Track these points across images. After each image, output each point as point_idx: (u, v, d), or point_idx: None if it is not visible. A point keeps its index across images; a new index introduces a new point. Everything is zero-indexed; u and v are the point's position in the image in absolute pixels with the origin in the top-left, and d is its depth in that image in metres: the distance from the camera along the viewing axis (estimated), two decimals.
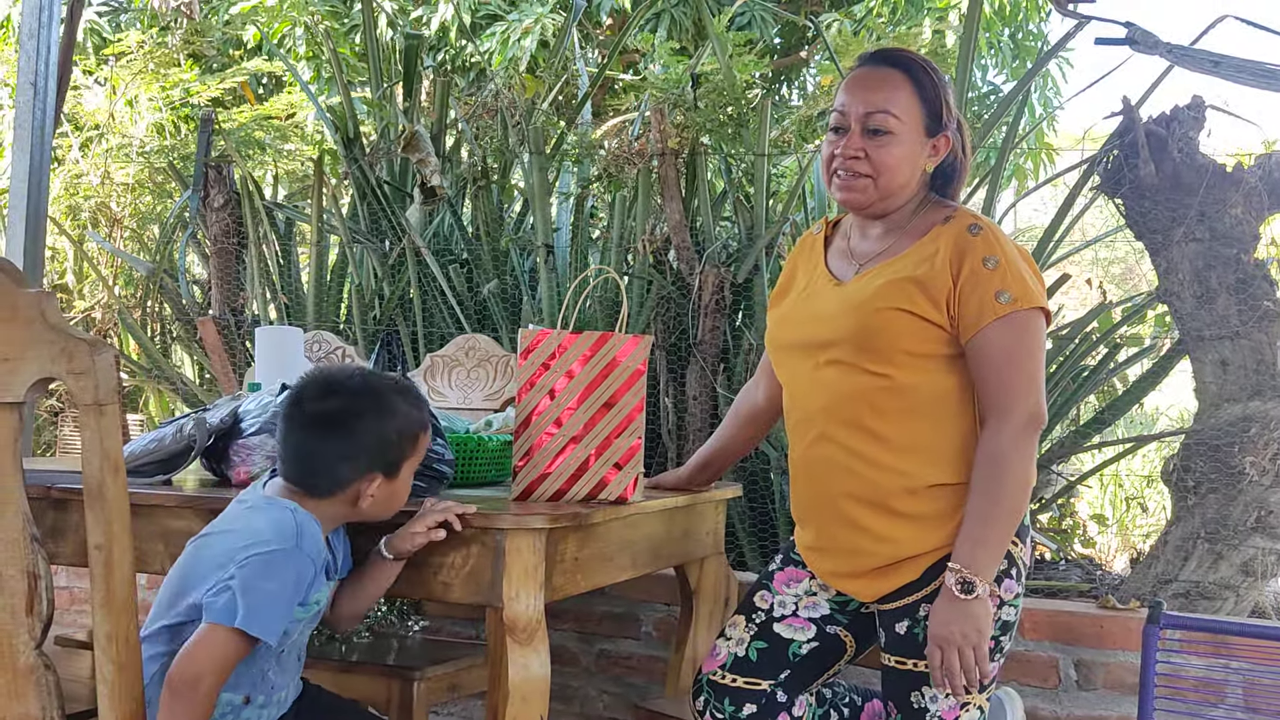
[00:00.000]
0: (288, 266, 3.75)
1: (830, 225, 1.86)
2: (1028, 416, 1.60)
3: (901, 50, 1.77)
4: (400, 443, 1.55)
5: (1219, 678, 2.09)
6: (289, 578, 1.44)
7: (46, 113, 3.24)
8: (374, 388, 1.55)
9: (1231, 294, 2.63)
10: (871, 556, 1.67)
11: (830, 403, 1.69)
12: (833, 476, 1.69)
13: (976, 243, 1.63)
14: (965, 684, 1.58)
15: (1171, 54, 2.73)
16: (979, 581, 1.56)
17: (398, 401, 1.55)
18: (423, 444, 1.60)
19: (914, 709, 1.66)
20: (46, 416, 4.70)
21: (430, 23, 6.34)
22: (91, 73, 5.60)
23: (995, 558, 1.59)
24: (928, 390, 1.65)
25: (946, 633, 1.57)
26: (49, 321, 1.38)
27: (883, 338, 1.64)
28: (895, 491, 1.65)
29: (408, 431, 1.56)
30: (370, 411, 1.52)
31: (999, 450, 1.59)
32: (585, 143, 3.76)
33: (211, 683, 1.40)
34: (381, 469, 1.53)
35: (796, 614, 1.79)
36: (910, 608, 1.66)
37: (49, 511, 1.76)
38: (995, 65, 7.02)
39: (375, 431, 1.52)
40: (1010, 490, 1.58)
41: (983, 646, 1.57)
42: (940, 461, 1.65)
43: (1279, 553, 2.58)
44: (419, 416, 1.58)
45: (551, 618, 1.85)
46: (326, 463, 1.51)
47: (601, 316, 3.29)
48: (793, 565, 1.82)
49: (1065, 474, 3.31)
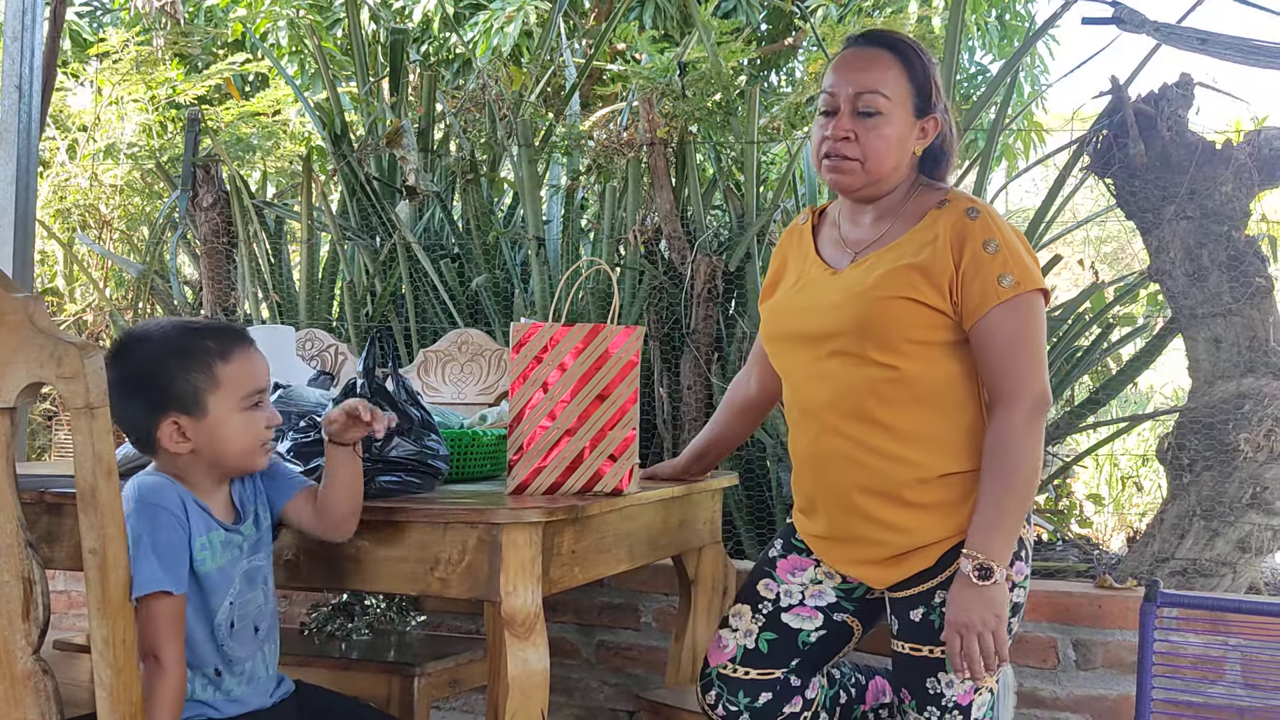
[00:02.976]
0: (279, 265, 3.73)
1: (817, 214, 1.85)
2: (1035, 400, 1.60)
3: (889, 31, 1.76)
4: (187, 375, 1.47)
5: (1217, 655, 2.10)
6: (141, 530, 1.45)
7: (32, 115, 3.22)
8: (146, 334, 1.51)
9: (1223, 271, 2.63)
10: (885, 546, 1.67)
11: (835, 395, 1.68)
12: (842, 469, 1.69)
13: (975, 227, 1.62)
14: (985, 668, 1.59)
15: (1159, 32, 2.73)
16: (996, 567, 1.57)
17: (177, 337, 1.49)
18: (234, 372, 1.50)
19: (930, 694, 1.66)
20: (41, 420, 4.69)
21: (413, 14, 6.32)
22: (76, 76, 5.57)
23: (1010, 543, 1.59)
24: (933, 378, 1.65)
25: (966, 619, 1.58)
26: (37, 325, 1.38)
27: (887, 326, 1.63)
28: (907, 482, 1.64)
29: (193, 363, 1.48)
30: (143, 357, 1.49)
31: (1010, 436, 1.59)
32: (574, 134, 3.75)
33: (169, 653, 1.44)
34: (177, 408, 1.48)
35: (804, 603, 1.78)
36: (925, 595, 1.66)
37: (44, 516, 1.75)
38: (983, 47, 7.01)
39: (149, 373, 1.48)
40: (1023, 475, 1.59)
41: (1001, 631, 1.58)
42: (950, 450, 1.65)
43: (1275, 528, 2.59)
44: (210, 345, 1.49)
45: (550, 610, 1.85)
46: (129, 423, 1.50)
47: (594, 308, 3.28)
48: (796, 552, 1.81)
49: (1061, 454, 3.32)
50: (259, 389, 1.53)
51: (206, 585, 1.51)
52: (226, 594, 1.53)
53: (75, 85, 5.44)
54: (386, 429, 1.59)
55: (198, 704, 1.52)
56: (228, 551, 1.54)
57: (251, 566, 1.57)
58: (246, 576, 1.56)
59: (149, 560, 1.44)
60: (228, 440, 1.51)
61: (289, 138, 5.59)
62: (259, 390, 1.53)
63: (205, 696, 1.53)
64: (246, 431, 1.52)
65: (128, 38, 5.48)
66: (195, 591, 1.50)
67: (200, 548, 1.50)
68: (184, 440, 1.50)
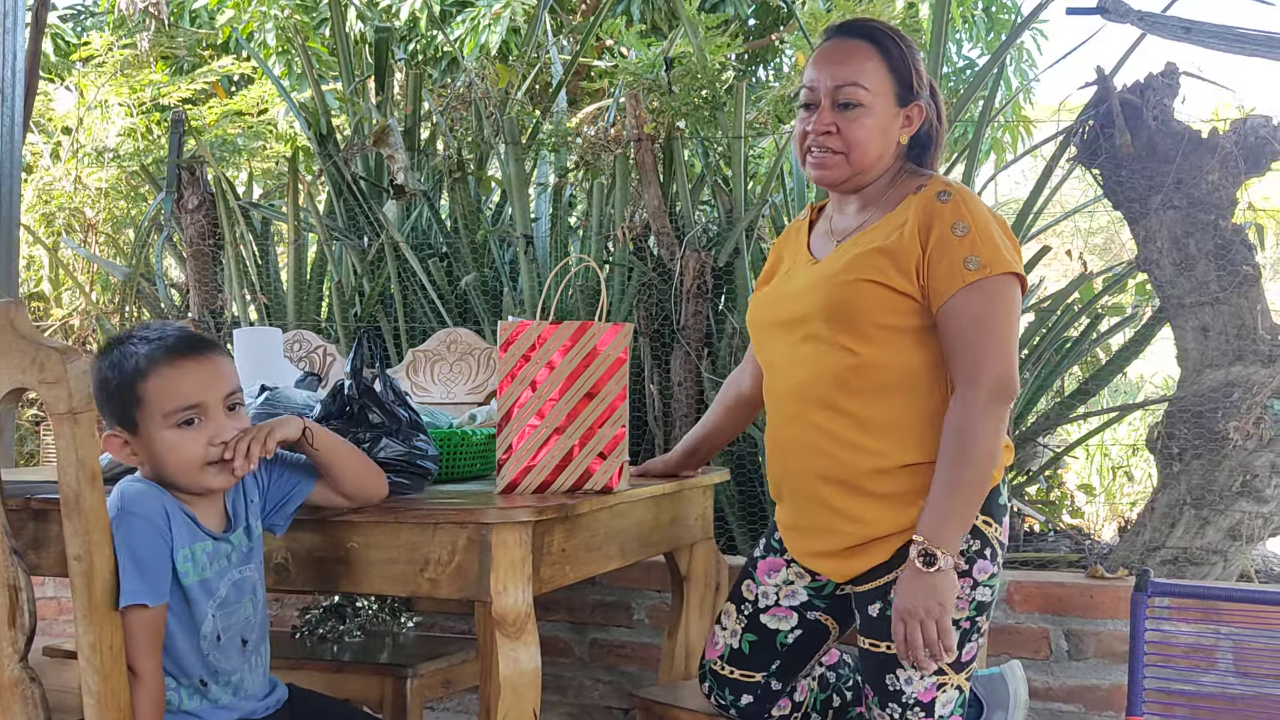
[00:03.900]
0: (266, 266, 3.72)
1: (816, 210, 1.85)
2: (996, 384, 1.57)
3: (867, 20, 1.74)
4: (119, 391, 1.44)
5: (1209, 643, 2.10)
6: (121, 540, 1.42)
7: (15, 119, 3.20)
8: (107, 345, 1.49)
9: (1210, 260, 2.64)
10: (842, 536, 1.66)
11: (803, 381, 1.68)
12: (804, 456, 1.69)
13: (945, 209, 1.60)
14: (931, 657, 1.57)
15: (1143, 22, 2.73)
16: (940, 554, 1.54)
17: (120, 350, 1.46)
18: (155, 390, 1.43)
19: (889, 691, 1.64)
20: (29, 425, 4.66)
21: (399, 12, 6.30)
22: (56, 79, 5.54)
23: (959, 529, 1.57)
24: (899, 367, 1.63)
25: (909, 605, 1.56)
26: (19, 331, 1.37)
27: (852, 309, 1.62)
28: (866, 471, 1.63)
29: (123, 378, 1.43)
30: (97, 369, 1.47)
31: (966, 421, 1.56)
32: (561, 131, 3.74)
33: (145, 664, 1.43)
34: (115, 423, 1.46)
35: (779, 604, 1.79)
36: (882, 590, 1.64)
37: (30, 522, 1.74)
38: (970, 39, 7.02)
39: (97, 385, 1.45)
40: (975, 462, 1.55)
41: (945, 620, 1.55)
42: (912, 440, 1.63)
43: (1265, 516, 2.60)
44: (138, 362, 1.43)
45: (543, 609, 1.85)
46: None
47: (584, 305, 3.28)
48: (773, 554, 1.82)
49: (1051, 445, 3.32)
50: (185, 405, 1.44)
51: (190, 597, 1.48)
52: (210, 606, 1.50)
53: (59, 89, 5.40)
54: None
55: (185, 715, 1.50)
56: (215, 563, 1.51)
57: (241, 577, 1.55)
58: (235, 587, 1.53)
59: (128, 571, 1.42)
60: (162, 458, 1.46)
61: (275, 138, 5.56)
62: (186, 407, 1.44)
63: (192, 706, 1.51)
64: (178, 449, 1.44)
65: (112, 40, 5.45)
66: (179, 603, 1.48)
67: (183, 559, 1.47)
68: (132, 455, 1.48)
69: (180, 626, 1.48)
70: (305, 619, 2.50)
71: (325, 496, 1.61)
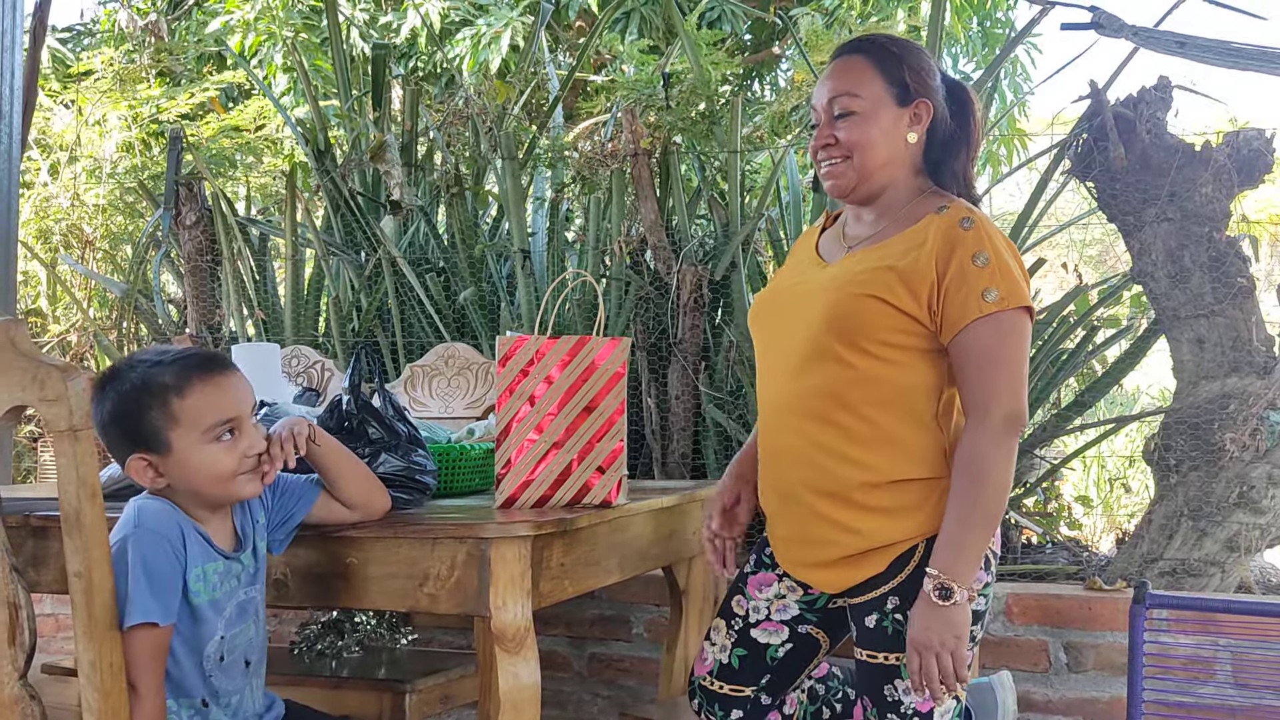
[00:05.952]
0: (263, 282, 3.72)
1: (831, 218, 1.87)
2: (1008, 417, 1.58)
3: (867, 35, 1.77)
4: (148, 414, 1.45)
5: (1208, 655, 2.10)
6: (136, 557, 1.43)
7: (13, 137, 3.21)
8: (117, 371, 1.49)
9: (1205, 272, 2.65)
10: (836, 546, 1.66)
11: (799, 391, 1.68)
12: (795, 466, 1.69)
13: (967, 238, 1.61)
14: (945, 688, 1.58)
15: (1137, 36, 2.74)
16: (957, 587, 1.55)
17: (140, 375, 1.46)
18: (192, 407, 1.45)
19: (888, 702, 1.65)
20: (26, 443, 4.66)
21: (400, 30, 6.32)
22: (54, 96, 5.55)
23: (974, 562, 1.58)
24: (895, 384, 1.63)
25: (925, 638, 1.56)
26: (19, 349, 1.37)
27: (855, 323, 1.63)
28: (855, 485, 1.63)
29: (152, 401, 1.44)
30: (113, 396, 1.47)
31: (978, 452, 1.58)
32: (558, 146, 3.76)
33: (148, 682, 1.43)
34: (141, 447, 1.46)
35: (769, 618, 1.79)
36: (878, 601, 1.65)
37: (29, 540, 1.74)
38: (965, 54, 7.05)
39: (117, 413, 1.46)
40: (989, 493, 1.57)
41: (960, 651, 1.57)
42: (903, 457, 1.63)
43: (1262, 527, 2.60)
44: (167, 382, 1.45)
45: (542, 623, 1.85)
46: (117, 459, 1.50)
47: (581, 320, 3.28)
48: (764, 568, 1.82)
49: (1048, 457, 3.32)
50: (224, 419, 1.48)
51: (198, 616, 1.49)
52: (218, 626, 1.51)
53: (57, 107, 5.41)
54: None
55: None
56: (226, 583, 1.52)
57: (246, 598, 1.56)
58: (240, 608, 1.54)
59: (140, 588, 1.42)
60: (197, 473, 1.48)
61: (274, 153, 5.57)
62: (225, 421, 1.48)
63: None
64: (217, 463, 1.47)
65: (111, 56, 5.46)
66: (186, 622, 1.48)
67: (195, 578, 1.48)
68: (158, 476, 1.48)
69: (185, 646, 1.49)
70: (303, 635, 2.50)
71: (327, 509, 1.61)
